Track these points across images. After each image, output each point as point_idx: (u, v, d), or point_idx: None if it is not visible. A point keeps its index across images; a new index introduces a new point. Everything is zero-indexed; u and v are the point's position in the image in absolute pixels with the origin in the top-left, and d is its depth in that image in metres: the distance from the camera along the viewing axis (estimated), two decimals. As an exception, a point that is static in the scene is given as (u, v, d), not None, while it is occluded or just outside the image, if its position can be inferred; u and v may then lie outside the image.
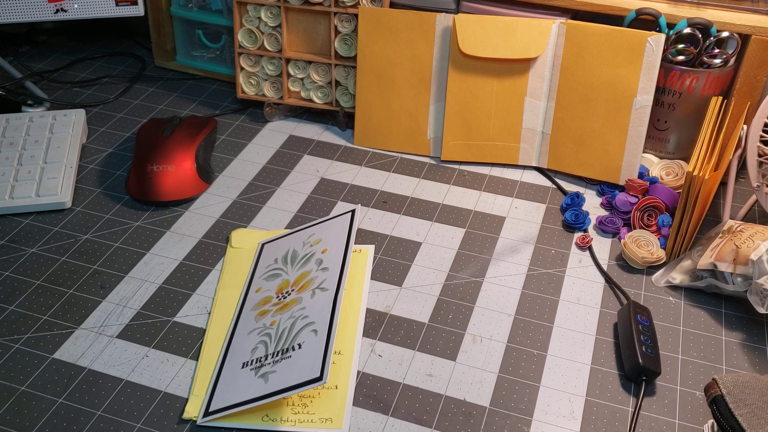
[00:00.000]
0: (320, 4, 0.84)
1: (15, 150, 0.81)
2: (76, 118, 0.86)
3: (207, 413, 0.57)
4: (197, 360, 0.62)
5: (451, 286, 0.69)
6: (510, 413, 0.58)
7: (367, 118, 0.86)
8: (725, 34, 0.76)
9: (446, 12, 0.82)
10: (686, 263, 0.69)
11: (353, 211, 0.71)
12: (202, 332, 0.64)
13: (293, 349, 0.58)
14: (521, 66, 0.80)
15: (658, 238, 0.73)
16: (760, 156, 0.73)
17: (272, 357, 0.58)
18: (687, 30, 0.76)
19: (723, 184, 0.80)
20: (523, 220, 0.77)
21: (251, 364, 0.59)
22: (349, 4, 0.84)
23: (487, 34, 0.79)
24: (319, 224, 0.72)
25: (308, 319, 0.60)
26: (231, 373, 0.59)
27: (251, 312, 0.65)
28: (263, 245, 0.72)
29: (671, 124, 0.81)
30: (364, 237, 0.74)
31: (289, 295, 0.64)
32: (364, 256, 0.72)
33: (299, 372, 0.56)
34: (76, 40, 1.08)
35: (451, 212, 0.78)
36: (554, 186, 0.82)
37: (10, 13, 0.87)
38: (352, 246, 0.67)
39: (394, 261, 0.72)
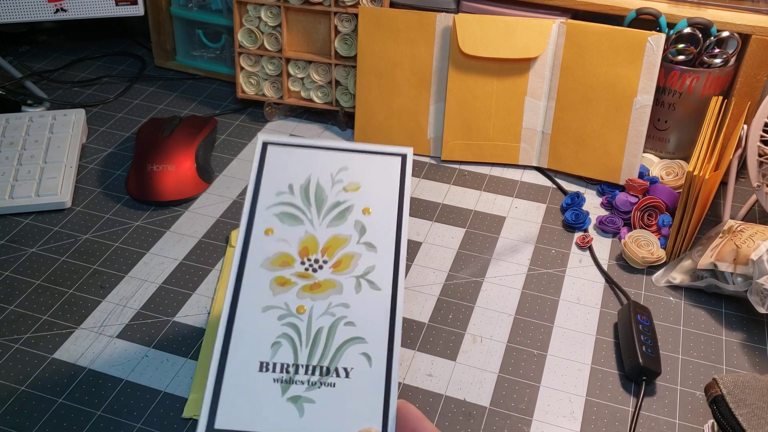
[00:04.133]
0: (320, 3, 0.84)
1: (15, 150, 0.81)
2: (76, 117, 0.86)
3: (213, 430, 0.42)
4: (197, 360, 0.62)
5: (451, 286, 0.69)
6: (510, 413, 0.58)
7: (367, 118, 0.86)
8: (725, 33, 0.76)
9: (446, 12, 0.82)
10: (686, 263, 0.69)
11: (404, 157, 0.51)
12: (202, 332, 0.64)
13: (337, 373, 0.43)
14: (521, 66, 0.80)
15: (659, 238, 0.73)
16: (760, 156, 0.73)
17: (306, 372, 0.44)
18: (687, 30, 0.76)
19: (723, 183, 0.80)
20: (523, 219, 0.77)
21: (274, 370, 0.44)
22: (349, 3, 0.83)
23: (488, 33, 0.79)
24: (354, 154, 0.51)
25: (355, 330, 0.45)
26: (243, 373, 0.44)
27: (262, 271, 0.47)
28: (267, 145, 0.52)
29: (671, 123, 0.81)
30: (364, 237, 0.74)
31: (320, 268, 0.47)
32: None
33: (349, 420, 0.42)
34: (76, 39, 1.08)
35: (452, 212, 0.78)
36: (554, 186, 0.82)
37: (10, 12, 0.87)
38: (407, 216, 0.49)
39: (394, 261, 0.72)
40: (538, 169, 0.84)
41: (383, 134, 0.86)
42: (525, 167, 0.84)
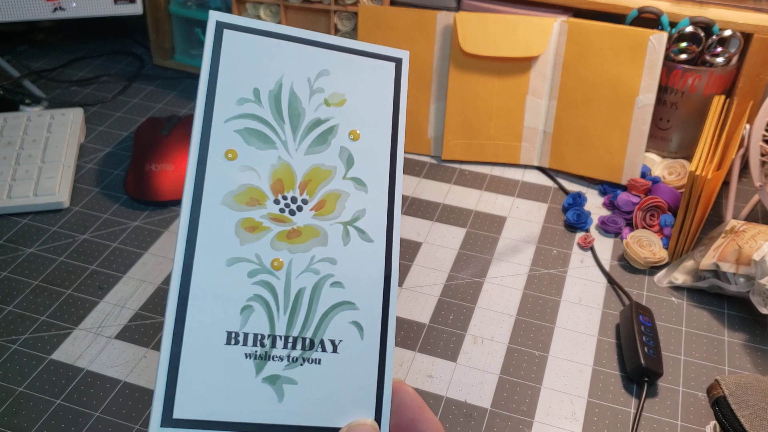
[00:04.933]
0: (320, 2, 0.84)
1: (13, 149, 0.80)
2: (74, 117, 0.86)
3: (171, 420, 0.32)
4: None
5: (452, 287, 0.68)
6: (511, 415, 0.57)
7: (367, 117, 0.86)
8: (728, 32, 0.75)
9: (447, 10, 0.81)
10: (689, 263, 0.69)
11: (399, 62, 0.40)
12: (201, 333, 0.64)
13: (323, 347, 0.35)
14: (523, 64, 0.80)
15: (661, 238, 0.72)
16: (762, 155, 0.73)
17: (285, 346, 0.35)
18: (689, 28, 0.76)
19: (725, 183, 0.80)
20: (524, 219, 0.76)
21: (245, 343, 0.34)
22: (348, 2, 0.83)
23: (489, 32, 0.79)
24: (336, 53, 0.39)
25: (344, 293, 0.36)
26: (206, 346, 0.34)
27: (225, 210, 0.35)
28: (223, 28, 0.38)
29: (673, 123, 0.80)
30: (364, 237, 0.74)
31: (299, 210, 0.37)
32: None
33: (338, 404, 0.35)
34: (74, 38, 1.08)
35: (452, 212, 0.77)
36: (556, 185, 0.81)
37: (8, 11, 0.86)
38: (402, 143, 0.39)
39: (394, 261, 0.71)
40: (540, 168, 0.84)
41: (383, 133, 0.86)
42: (526, 167, 0.84)
